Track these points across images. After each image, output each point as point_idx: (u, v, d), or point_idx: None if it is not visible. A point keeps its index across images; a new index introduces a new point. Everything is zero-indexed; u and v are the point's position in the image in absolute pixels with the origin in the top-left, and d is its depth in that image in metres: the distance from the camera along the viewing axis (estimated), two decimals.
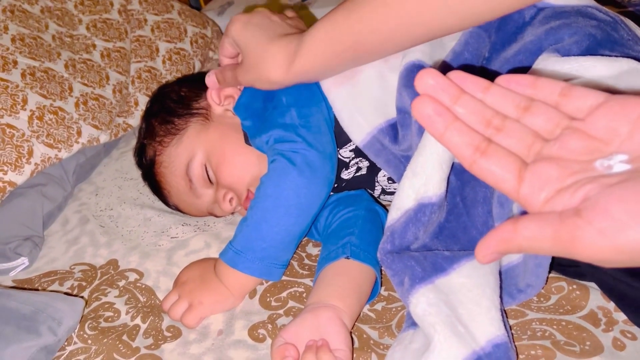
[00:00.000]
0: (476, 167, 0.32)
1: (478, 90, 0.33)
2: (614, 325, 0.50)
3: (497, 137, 0.32)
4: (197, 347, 0.58)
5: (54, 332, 0.58)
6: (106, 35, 1.06)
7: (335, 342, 0.51)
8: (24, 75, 0.87)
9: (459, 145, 0.32)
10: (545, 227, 0.29)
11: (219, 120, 0.72)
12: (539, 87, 0.32)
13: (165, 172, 0.72)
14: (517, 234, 0.30)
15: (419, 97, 0.32)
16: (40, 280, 0.73)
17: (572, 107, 0.31)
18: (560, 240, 0.28)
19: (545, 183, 0.30)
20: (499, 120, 0.32)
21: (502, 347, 0.45)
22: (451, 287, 0.50)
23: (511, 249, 0.30)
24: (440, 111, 0.32)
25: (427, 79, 0.32)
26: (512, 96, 0.32)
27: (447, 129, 0.32)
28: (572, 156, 0.30)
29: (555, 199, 0.29)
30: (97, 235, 0.79)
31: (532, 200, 0.30)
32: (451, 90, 0.32)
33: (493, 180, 0.32)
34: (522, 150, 0.32)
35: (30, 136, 0.82)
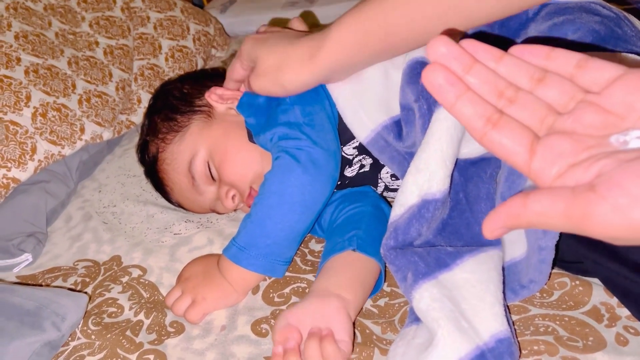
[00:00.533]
0: (487, 139, 0.31)
1: (491, 59, 0.32)
2: (617, 321, 0.50)
3: (510, 109, 0.31)
4: (201, 343, 0.58)
5: (58, 328, 0.59)
6: (109, 32, 1.07)
7: (340, 333, 0.51)
8: (27, 73, 0.87)
9: (470, 116, 0.31)
10: (557, 202, 0.28)
11: (221, 117, 0.72)
12: (554, 58, 0.31)
13: (168, 169, 0.73)
14: (527, 208, 0.29)
15: (430, 65, 0.31)
16: (44, 276, 0.73)
17: (587, 80, 0.30)
18: (572, 216, 0.27)
19: (558, 157, 0.29)
20: (511, 91, 0.31)
21: (506, 342, 0.45)
22: (454, 283, 0.50)
23: (520, 224, 0.29)
24: (452, 80, 0.31)
25: (440, 47, 0.31)
26: (526, 67, 0.31)
27: (458, 99, 0.31)
28: (587, 130, 0.29)
29: (568, 173, 0.29)
30: (101, 232, 0.79)
31: (544, 175, 0.29)
32: (464, 59, 0.31)
33: (504, 153, 0.31)
34: (535, 123, 0.31)
35: (33, 133, 0.83)
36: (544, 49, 0.31)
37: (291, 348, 0.51)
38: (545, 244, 0.51)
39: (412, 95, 0.59)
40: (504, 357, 0.45)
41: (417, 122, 0.58)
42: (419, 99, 0.58)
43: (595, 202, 0.26)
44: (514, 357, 0.46)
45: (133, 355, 0.57)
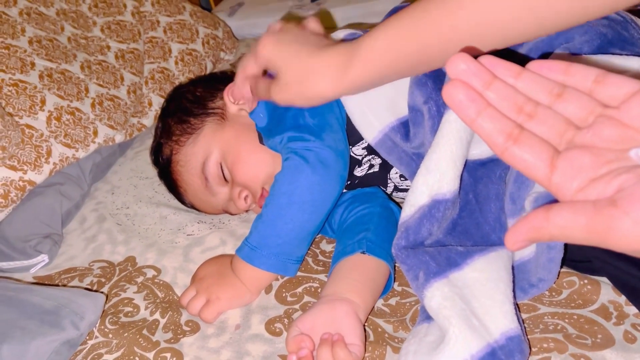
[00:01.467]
0: (508, 154, 0.31)
1: (510, 75, 0.32)
2: (625, 319, 0.51)
3: (529, 124, 0.32)
4: (216, 341, 0.59)
5: (77, 327, 0.60)
6: (120, 36, 1.08)
7: (350, 336, 0.52)
8: (41, 77, 0.89)
9: (491, 132, 0.31)
10: (579, 216, 0.28)
11: (234, 119, 0.73)
12: (572, 73, 0.32)
13: (182, 171, 0.74)
14: (549, 222, 0.29)
15: (451, 82, 0.32)
16: (60, 276, 0.74)
17: (606, 95, 0.31)
18: (595, 231, 0.28)
19: (578, 171, 0.30)
20: (531, 106, 0.32)
21: (516, 340, 0.46)
22: (465, 282, 0.51)
23: (542, 237, 0.30)
24: (472, 97, 0.31)
25: (459, 64, 0.32)
26: (545, 82, 0.32)
27: (479, 115, 0.31)
28: (606, 145, 0.30)
29: (589, 188, 0.29)
30: (115, 233, 0.81)
31: (564, 189, 0.30)
32: (483, 75, 0.32)
33: (524, 167, 0.31)
34: (555, 137, 0.31)
35: (48, 136, 0.84)
36: (562, 64, 0.32)
37: (304, 356, 0.52)
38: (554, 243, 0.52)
39: (420, 97, 0.60)
40: (515, 355, 0.46)
41: (426, 123, 0.59)
42: (428, 101, 0.59)
43: (617, 217, 0.27)
44: (524, 354, 0.47)
45: (150, 354, 0.59)
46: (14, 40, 0.90)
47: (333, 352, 0.51)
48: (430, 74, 0.59)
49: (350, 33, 0.69)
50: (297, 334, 0.53)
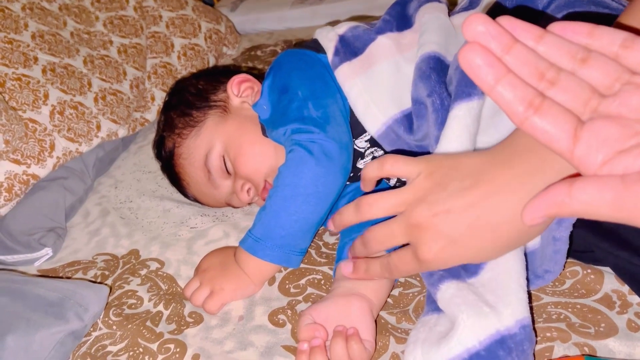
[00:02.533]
0: (528, 124, 0.29)
1: (530, 38, 0.30)
2: (629, 308, 0.51)
3: (551, 91, 0.29)
4: (219, 332, 0.59)
5: (81, 318, 0.60)
6: (122, 31, 1.08)
7: (364, 332, 0.52)
8: (44, 71, 0.89)
9: (511, 100, 0.29)
10: (606, 191, 0.26)
11: (236, 112, 0.73)
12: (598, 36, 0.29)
13: (184, 164, 0.74)
14: (572, 197, 0.28)
15: (468, 45, 0.29)
16: (65, 269, 0.75)
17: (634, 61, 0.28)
18: (623, 207, 0.26)
19: (604, 143, 0.27)
20: (553, 72, 0.29)
21: (528, 329, 0.46)
22: (481, 282, 0.50)
23: (564, 213, 0.28)
24: (491, 62, 0.29)
25: (477, 25, 0.29)
26: (568, 46, 0.29)
27: (498, 82, 0.29)
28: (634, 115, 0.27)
29: (615, 161, 0.27)
30: (118, 227, 0.81)
31: (588, 162, 0.28)
32: (503, 38, 0.29)
33: (546, 139, 0.29)
34: (578, 106, 0.29)
35: (52, 130, 0.84)
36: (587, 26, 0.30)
37: (318, 346, 0.52)
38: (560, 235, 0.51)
39: (424, 89, 0.60)
40: (524, 344, 0.45)
41: (430, 116, 0.59)
42: (432, 94, 0.59)
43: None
44: (532, 343, 0.47)
45: (154, 345, 0.59)
46: (17, 35, 0.90)
47: (348, 345, 0.50)
48: (434, 67, 0.59)
49: (353, 26, 0.69)
50: (310, 323, 0.53)
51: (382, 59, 0.63)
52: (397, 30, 0.66)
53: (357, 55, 0.66)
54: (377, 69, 0.63)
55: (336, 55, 0.66)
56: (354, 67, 0.64)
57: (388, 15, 0.68)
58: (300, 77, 0.66)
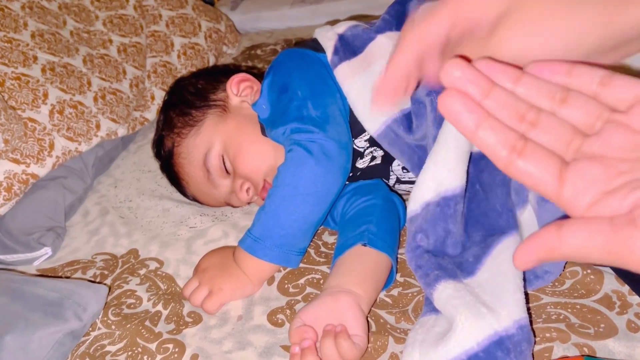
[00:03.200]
0: (513, 168, 0.29)
1: (508, 80, 0.30)
2: (628, 308, 0.51)
3: (533, 133, 0.29)
4: (218, 332, 0.59)
5: (80, 318, 0.60)
6: (122, 30, 1.08)
7: (353, 327, 0.52)
8: (44, 70, 0.89)
9: (494, 145, 0.29)
10: (595, 235, 0.26)
11: (235, 111, 0.73)
12: (576, 75, 0.29)
13: (184, 163, 0.74)
14: (562, 241, 0.27)
15: (446, 92, 0.29)
16: (64, 269, 0.75)
17: (613, 98, 0.28)
18: (614, 252, 0.26)
19: (590, 185, 0.27)
20: (533, 114, 0.29)
21: (526, 330, 0.46)
22: (478, 283, 0.50)
23: (555, 257, 0.28)
24: (470, 107, 0.29)
25: (454, 71, 0.29)
26: (546, 86, 0.29)
27: (479, 127, 0.29)
28: (617, 154, 0.27)
29: (602, 202, 0.27)
30: (117, 226, 0.81)
31: (576, 204, 0.28)
32: (481, 82, 0.29)
33: (531, 182, 0.29)
34: (561, 147, 0.29)
35: (51, 130, 0.84)
36: (565, 65, 0.30)
37: (307, 347, 0.52)
38: None
39: (423, 89, 0.59)
40: (522, 344, 0.45)
41: (429, 115, 0.59)
42: (431, 93, 0.59)
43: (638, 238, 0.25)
44: (530, 344, 0.46)
45: (152, 345, 0.59)
46: (16, 34, 0.90)
47: (336, 343, 0.51)
48: None
49: (353, 25, 0.69)
50: (300, 325, 0.53)
51: (381, 58, 0.63)
52: (396, 29, 0.66)
53: (357, 54, 0.66)
54: (377, 68, 0.63)
55: (335, 54, 0.66)
56: (353, 66, 0.64)
57: (387, 14, 0.68)
58: (300, 77, 0.66)
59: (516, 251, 0.29)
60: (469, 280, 0.51)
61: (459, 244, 0.54)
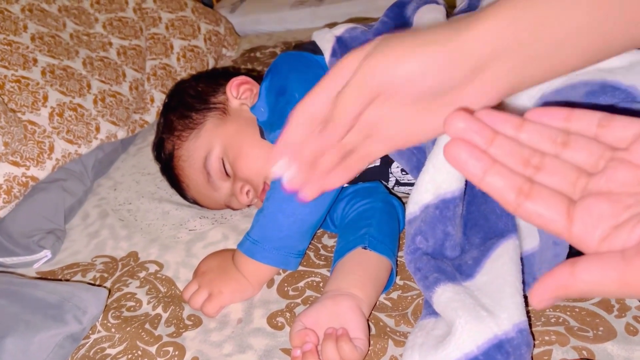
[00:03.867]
0: (522, 210, 0.30)
1: (510, 128, 0.31)
2: (627, 312, 0.51)
3: (538, 176, 0.30)
4: (218, 335, 0.59)
5: (79, 321, 0.60)
6: (122, 33, 1.08)
7: (354, 330, 0.52)
8: (44, 73, 0.89)
9: (501, 189, 0.30)
10: (609, 270, 0.27)
11: (235, 114, 0.73)
12: (575, 119, 0.30)
13: (184, 166, 0.74)
14: (576, 278, 0.28)
15: (452, 141, 0.30)
16: (63, 272, 0.75)
17: (613, 138, 0.30)
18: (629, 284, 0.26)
19: (599, 220, 0.28)
20: (537, 158, 0.30)
21: (525, 333, 0.46)
22: (477, 286, 0.50)
23: (571, 294, 0.28)
24: (476, 155, 0.30)
25: (457, 123, 0.30)
26: (547, 131, 0.30)
27: (486, 173, 0.30)
28: (623, 189, 0.28)
29: (612, 236, 0.28)
30: (117, 229, 0.81)
31: (587, 240, 0.28)
32: (484, 132, 0.30)
33: (541, 222, 0.30)
34: (567, 187, 0.30)
35: (51, 132, 0.84)
36: (563, 111, 0.31)
37: (309, 350, 0.52)
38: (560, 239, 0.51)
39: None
40: (522, 348, 0.45)
41: None
42: None
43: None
44: (530, 347, 0.47)
45: (152, 348, 0.59)
46: (16, 37, 0.90)
47: (338, 346, 0.51)
48: None
49: (351, 27, 0.69)
50: (301, 329, 0.53)
51: None
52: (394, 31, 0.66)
53: None
54: None
55: (333, 56, 0.66)
56: None
57: (386, 16, 0.68)
58: (298, 79, 0.66)
59: (532, 290, 0.30)
60: (468, 283, 0.51)
61: (458, 246, 0.55)
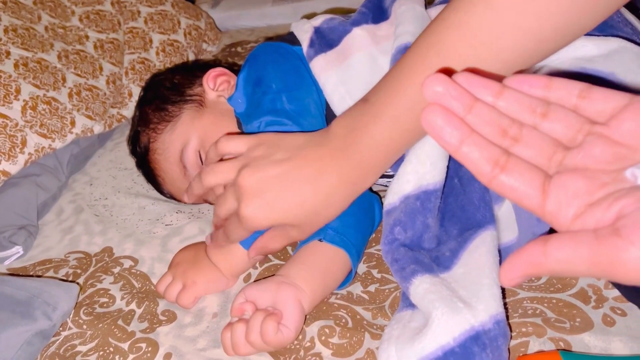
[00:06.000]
0: (496, 183, 0.29)
1: (489, 94, 0.30)
2: (604, 303, 0.51)
3: (515, 148, 0.29)
4: (193, 330, 0.58)
5: (49, 317, 0.59)
6: (99, 26, 1.06)
7: (287, 319, 0.52)
8: (16, 66, 0.87)
9: (478, 160, 0.29)
10: (580, 248, 0.26)
11: (212, 106, 0.72)
12: (555, 88, 0.30)
13: (160, 159, 0.73)
14: (547, 256, 0.27)
15: (429, 106, 0.29)
16: (35, 268, 0.73)
17: (592, 110, 0.29)
18: (599, 263, 0.26)
19: (573, 197, 0.28)
20: (515, 128, 0.29)
21: (502, 324, 0.45)
22: (454, 278, 0.50)
23: (541, 272, 0.28)
24: (453, 123, 0.29)
25: (435, 86, 0.29)
26: (527, 100, 0.30)
27: (462, 143, 0.29)
28: (599, 165, 0.28)
29: (586, 214, 0.27)
30: (92, 224, 0.79)
31: (560, 217, 0.28)
32: (463, 98, 0.29)
33: (515, 196, 0.29)
34: (544, 161, 0.29)
35: (23, 126, 0.82)
36: (542, 79, 0.30)
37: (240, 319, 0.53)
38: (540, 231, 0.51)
39: None
40: (499, 339, 0.45)
41: None
42: None
43: (622, 247, 0.25)
44: (507, 339, 0.46)
45: (125, 344, 0.57)
46: None
47: (263, 322, 0.50)
48: None
49: (329, 18, 0.68)
50: (242, 302, 0.54)
51: (357, 51, 0.62)
52: (372, 22, 0.65)
53: (333, 47, 0.65)
54: (353, 61, 0.62)
55: (311, 47, 0.65)
56: (329, 59, 0.63)
57: (364, 7, 0.67)
58: (275, 70, 0.65)
59: (502, 267, 0.29)
60: (445, 274, 0.50)
61: (435, 238, 0.54)
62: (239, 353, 0.52)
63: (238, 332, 0.52)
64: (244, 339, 0.51)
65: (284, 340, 0.51)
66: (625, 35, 0.55)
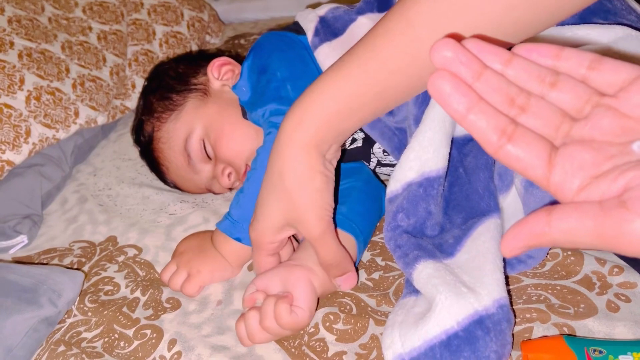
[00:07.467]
0: (502, 153, 0.29)
1: (498, 62, 0.29)
2: (608, 289, 0.51)
3: (522, 117, 0.29)
4: (197, 317, 0.58)
5: (54, 304, 0.59)
6: (102, 18, 1.06)
7: (298, 300, 0.52)
8: (20, 56, 0.87)
9: (484, 129, 0.28)
10: (585, 219, 0.26)
11: (217, 95, 0.72)
12: (564, 58, 0.29)
13: (164, 148, 0.73)
14: (551, 227, 0.27)
15: (437, 72, 0.29)
16: (40, 257, 0.73)
17: (602, 82, 0.28)
18: (604, 235, 0.25)
19: (579, 169, 0.27)
20: (523, 98, 0.29)
21: (506, 309, 0.45)
22: (457, 264, 0.50)
23: (544, 242, 0.28)
24: (462, 90, 0.28)
25: (444, 51, 0.28)
26: (536, 69, 0.29)
27: (470, 110, 0.28)
28: (606, 137, 0.27)
29: (591, 186, 0.27)
30: (96, 214, 0.79)
31: (565, 189, 0.28)
32: (472, 65, 0.29)
33: (520, 166, 0.29)
34: (550, 131, 0.29)
35: (27, 116, 0.83)
36: (553, 48, 0.29)
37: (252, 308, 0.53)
38: None
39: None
40: (502, 323, 0.45)
41: None
42: None
43: (629, 219, 0.25)
44: (511, 323, 0.46)
45: (130, 331, 0.58)
46: None
47: (275, 305, 0.50)
48: None
49: (334, 7, 0.68)
50: (253, 292, 0.54)
51: None
52: (377, 11, 0.65)
53: (338, 36, 0.65)
54: None
55: (316, 35, 0.65)
56: (334, 47, 0.63)
57: None
58: (280, 58, 0.65)
59: (504, 237, 0.29)
60: (448, 261, 0.50)
61: (438, 225, 0.54)
62: (255, 341, 0.52)
63: (252, 320, 0.51)
64: (259, 326, 0.51)
65: (299, 321, 0.51)
66: (630, 23, 0.55)
